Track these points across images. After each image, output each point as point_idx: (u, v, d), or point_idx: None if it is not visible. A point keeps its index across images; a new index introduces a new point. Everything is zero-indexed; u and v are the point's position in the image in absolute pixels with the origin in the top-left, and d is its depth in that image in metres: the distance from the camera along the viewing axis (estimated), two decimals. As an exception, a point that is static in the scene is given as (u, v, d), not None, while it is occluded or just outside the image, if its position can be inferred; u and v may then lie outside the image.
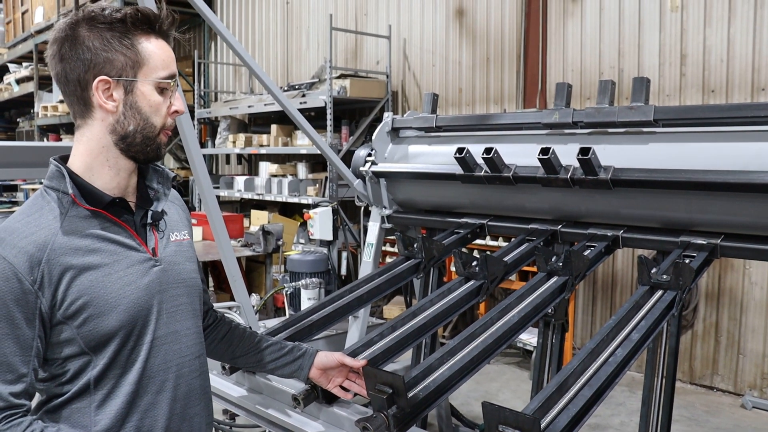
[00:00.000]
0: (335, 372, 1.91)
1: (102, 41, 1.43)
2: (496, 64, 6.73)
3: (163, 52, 1.49)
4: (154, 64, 1.47)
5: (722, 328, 5.38)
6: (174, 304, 1.57)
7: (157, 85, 1.48)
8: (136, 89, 1.46)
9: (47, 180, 1.49)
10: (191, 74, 10.19)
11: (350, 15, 8.29)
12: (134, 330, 1.48)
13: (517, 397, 5.33)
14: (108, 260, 1.45)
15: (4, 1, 13.31)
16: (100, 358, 1.44)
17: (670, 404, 2.24)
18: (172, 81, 1.51)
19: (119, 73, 1.44)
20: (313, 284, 6.02)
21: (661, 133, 2.33)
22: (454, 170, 2.64)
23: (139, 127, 1.48)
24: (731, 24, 5.11)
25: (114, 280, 1.45)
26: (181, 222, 1.69)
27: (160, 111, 1.50)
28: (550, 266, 2.28)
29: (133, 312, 1.47)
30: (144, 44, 1.46)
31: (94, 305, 1.41)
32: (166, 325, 1.54)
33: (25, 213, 1.45)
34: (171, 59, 1.52)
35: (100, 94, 1.44)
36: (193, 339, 1.62)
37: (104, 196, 1.48)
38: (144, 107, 1.47)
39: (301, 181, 7.94)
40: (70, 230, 1.43)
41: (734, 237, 2.18)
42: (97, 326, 1.42)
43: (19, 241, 1.38)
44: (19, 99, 13.34)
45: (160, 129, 1.51)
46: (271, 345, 1.91)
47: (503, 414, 1.47)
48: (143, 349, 1.49)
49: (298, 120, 3.23)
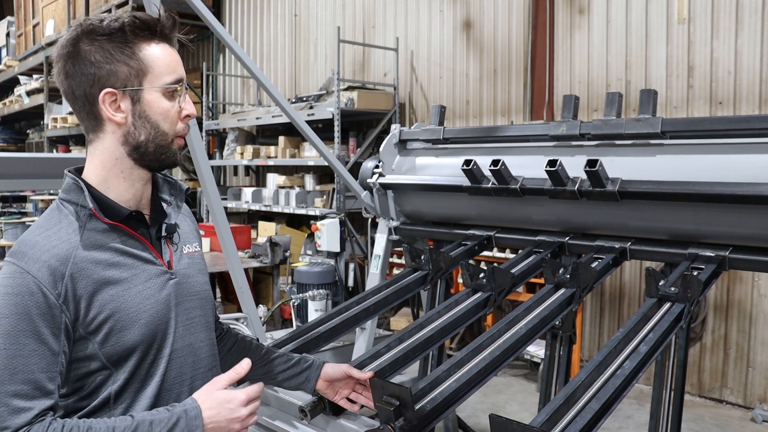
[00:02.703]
0: (342, 384, 1.91)
1: (103, 54, 1.41)
2: (504, 76, 6.74)
3: (166, 57, 1.46)
4: (158, 71, 1.45)
5: (731, 340, 5.34)
6: (189, 317, 1.56)
7: (165, 91, 1.46)
8: (143, 98, 1.44)
9: (63, 193, 1.47)
10: (200, 86, 10.26)
11: (358, 27, 8.33)
12: (154, 343, 1.47)
13: (524, 409, 5.30)
14: (128, 274, 1.44)
15: (16, 14, 13.44)
16: (120, 372, 1.43)
17: (679, 417, 2.23)
18: (180, 85, 1.48)
19: (124, 84, 1.42)
20: (320, 296, 6.02)
21: (668, 145, 2.33)
22: (462, 182, 2.64)
23: (150, 136, 1.46)
24: (738, 36, 5.11)
25: (134, 294, 1.44)
26: (191, 234, 1.69)
27: (170, 117, 1.47)
28: (558, 278, 2.28)
29: (154, 325, 1.46)
30: (146, 51, 1.44)
31: (116, 319, 1.40)
32: (182, 338, 1.53)
33: (43, 227, 1.43)
34: (176, 62, 1.48)
35: (107, 107, 1.43)
36: (207, 351, 1.62)
37: (122, 210, 1.47)
38: (153, 115, 1.45)
39: (309, 193, 7.96)
40: (90, 244, 1.41)
41: (743, 249, 2.17)
42: (119, 340, 1.41)
43: (41, 255, 1.36)
44: (29, 111, 13.43)
45: (172, 135, 1.49)
46: (277, 357, 1.90)
47: (511, 426, 1.46)
48: (162, 362, 1.48)
49: (306, 132, 3.25)
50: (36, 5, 12.45)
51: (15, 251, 1.39)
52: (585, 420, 1.57)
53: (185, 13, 4.73)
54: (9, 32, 13.84)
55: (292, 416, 2.07)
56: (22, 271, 1.34)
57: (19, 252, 1.38)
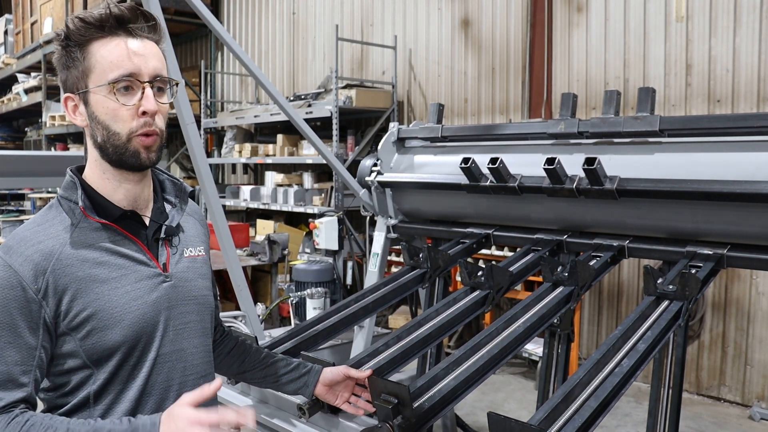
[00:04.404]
0: (341, 387, 1.90)
1: (60, 59, 1.43)
2: (502, 74, 6.74)
3: (112, 53, 1.39)
4: (101, 68, 1.39)
5: (729, 338, 5.35)
6: (182, 321, 1.54)
7: (111, 90, 1.39)
8: (90, 99, 1.42)
9: (62, 190, 1.48)
10: (198, 84, 10.25)
11: (356, 25, 8.32)
12: (138, 345, 1.45)
13: (522, 407, 5.31)
14: (116, 274, 1.43)
15: (14, 12, 13.42)
16: (101, 372, 1.42)
17: (677, 415, 2.23)
18: (129, 79, 1.39)
19: (76, 87, 1.43)
20: (318, 294, 6.03)
21: (666, 143, 2.33)
22: (460, 180, 2.64)
23: (104, 136, 1.42)
24: (737, 34, 5.11)
25: (120, 294, 1.43)
26: (197, 237, 1.66)
27: (120, 115, 1.40)
28: (556, 276, 2.28)
29: (138, 327, 1.44)
30: (95, 50, 1.39)
31: (99, 318, 1.40)
32: (173, 342, 1.51)
33: (36, 222, 1.44)
34: (123, 57, 1.39)
35: (69, 112, 1.46)
36: (200, 358, 1.59)
37: (115, 209, 1.47)
38: (101, 116, 1.41)
39: (307, 191, 7.96)
40: (80, 242, 1.42)
41: (741, 247, 2.17)
42: (100, 339, 1.40)
43: (25, 250, 1.38)
44: (27, 108, 13.43)
45: (127, 135, 1.41)
46: (277, 361, 1.89)
47: (509, 424, 1.46)
48: (146, 365, 1.46)
49: (304, 130, 3.25)
50: (34, 3, 12.44)
51: (4, 245, 1.41)
52: (583, 418, 1.57)
53: (183, 11, 4.74)
54: (7, 30, 13.84)
55: (291, 414, 2.07)
56: (6, 265, 1.37)
57: (7, 246, 1.40)
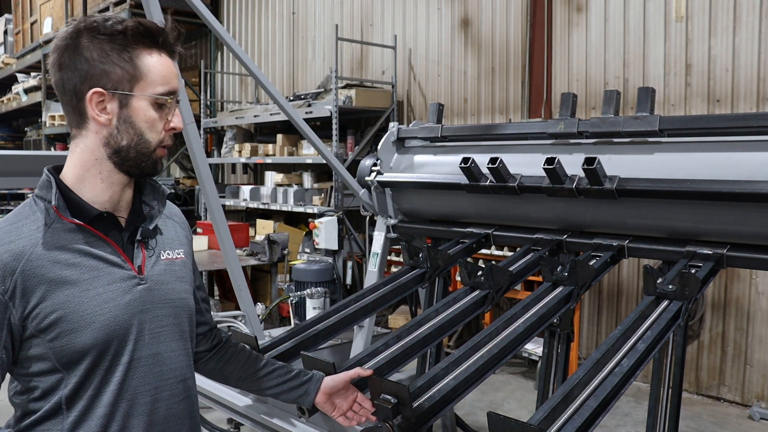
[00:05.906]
0: (341, 398, 1.86)
1: (101, 53, 1.40)
2: (502, 74, 6.74)
3: (163, 68, 1.45)
4: (152, 79, 1.43)
5: (729, 338, 5.35)
6: (158, 325, 1.51)
7: (155, 101, 1.44)
8: (132, 103, 1.43)
9: (38, 189, 1.46)
10: (197, 84, 10.25)
11: (356, 25, 8.32)
12: (109, 349, 1.43)
13: (522, 407, 5.31)
14: (87, 276, 1.41)
15: (14, 12, 13.42)
16: (72, 376, 1.40)
17: (677, 415, 2.23)
18: (171, 97, 1.47)
19: (115, 86, 1.41)
20: (318, 293, 6.03)
21: (666, 143, 2.33)
22: (460, 180, 2.64)
23: (132, 142, 1.44)
24: (736, 34, 5.11)
25: (91, 296, 1.40)
26: (177, 240, 1.64)
27: (156, 127, 1.46)
28: (556, 276, 2.28)
29: (109, 330, 1.42)
30: (144, 58, 1.43)
31: (68, 320, 1.37)
32: (149, 346, 1.49)
33: (9, 221, 1.42)
34: (172, 75, 1.47)
35: (93, 107, 1.42)
36: (179, 362, 1.56)
37: (91, 210, 1.44)
38: (139, 122, 1.44)
39: (307, 191, 7.96)
40: (52, 242, 1.40)
41: (740, 247, 2.17)
42: (69, 342, 1.38)
43: None
44: (27, 108, 13.43)
45: (155, 145, 1.47)
46: (277, 369, 1.87)
47: (508, 424, 1.46)
48: (119, 369, 1.44)
49: (304, 129, 3.25)
50: (33, 3, 12.43)
51: None
52: (583, 418, 1.57)
53: (183, 11, 4.73)
54: (6, 30, 13.83)
55: (290, 414, 2.07)
56: None
57: None
